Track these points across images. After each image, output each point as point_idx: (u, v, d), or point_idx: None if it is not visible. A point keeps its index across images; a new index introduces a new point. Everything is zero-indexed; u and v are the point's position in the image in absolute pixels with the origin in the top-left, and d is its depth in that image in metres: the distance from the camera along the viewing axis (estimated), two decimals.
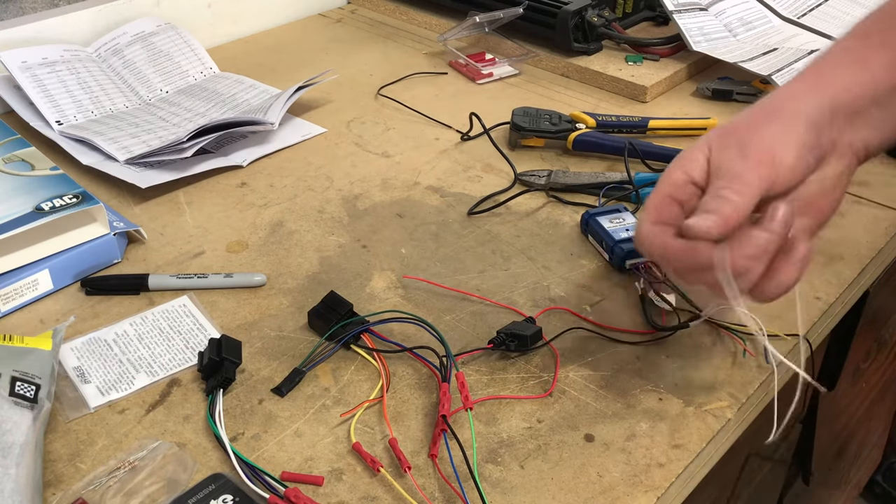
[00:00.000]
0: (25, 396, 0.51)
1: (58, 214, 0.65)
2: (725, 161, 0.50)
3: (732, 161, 0.49)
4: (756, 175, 0.48)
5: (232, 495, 0.49)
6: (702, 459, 0.55)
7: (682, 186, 0.51)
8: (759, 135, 0.49)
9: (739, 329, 0.62)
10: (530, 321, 0.62)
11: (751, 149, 0.49)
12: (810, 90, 0.52)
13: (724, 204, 0.48)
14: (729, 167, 0.49)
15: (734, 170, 0.49)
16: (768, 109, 0.52)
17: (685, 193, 0.51)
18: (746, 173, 0.48)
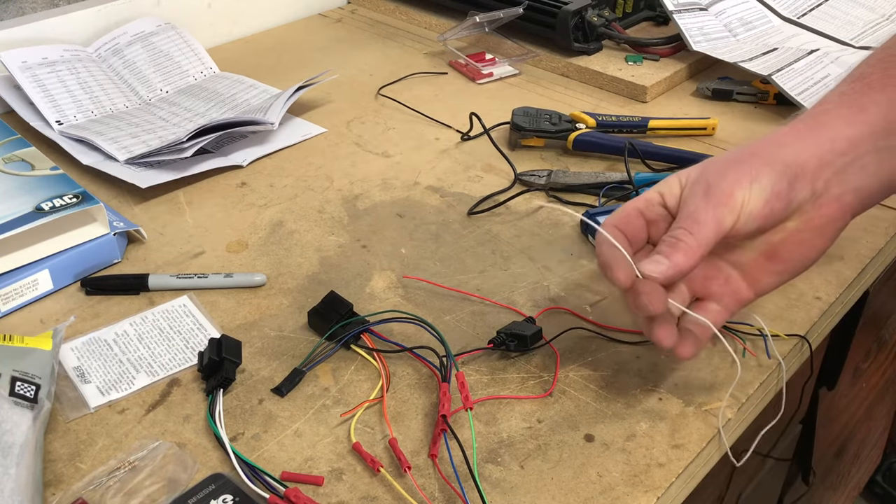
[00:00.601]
0: (25, 396, 0.51)
1: (58, 214, 0.65)
2: (690, 197, 0.51)
3: (696, 199, 0.50)
4: (713, 217, 0.49)
5: (232, 495, 0.49)
6: (702, 459, 0.55)
7: (652, 206, 0.53)
8: (728, 177, 0.50)
9: (739, 329, 0.62)
10: (530, 321, 0.62)
11: (715, 190, 0.50)
12: (800, 138, 0.51)
13: (675, 251, 0.49)
14: (691, 204, 0.51)
15: (694, 209, 0.50)
16: (750, 152, 0.51)
17: (654, 213, 0.53)
18: (704, 214, 0.50)
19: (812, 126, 0.52)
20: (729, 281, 0.55)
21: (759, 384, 0.59)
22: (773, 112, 0.95)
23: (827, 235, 0.52)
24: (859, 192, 0.52)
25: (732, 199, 0.49)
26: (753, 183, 0.49)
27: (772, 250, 0.53)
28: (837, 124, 0.51)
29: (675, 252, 0.49)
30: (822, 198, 0.51)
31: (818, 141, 0.51)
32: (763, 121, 0.93)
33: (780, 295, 0.66)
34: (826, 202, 0.51)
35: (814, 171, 0.50)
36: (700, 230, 0.49)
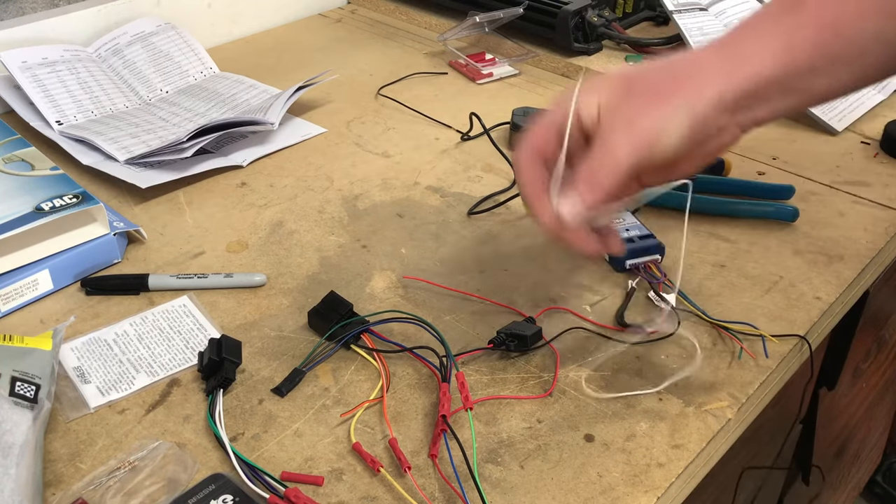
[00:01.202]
0: (25, 396, 0.51)
1: (58, 214, 0.65)
2: (610, 127, 0.51)
3: (616, 132, 0.51)
4: (632, 154, 0.50)
5: (232, 495, 0.49)
6: (702, 459, 0.55)
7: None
8: (650, 115, 0.50)
9: (739, 329, 0.62)
10: (530, 321, 0.62)
11: (637, 127, 0.50)
12: (722, 69, 0.51)
13: (592, 190, 0.51)
14: (611, 135, 0.51)
15: (614, 141, 0.51)
16: (671, 80, 0.51)
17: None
18: (623, 151, 0.50)
19: (740, 58, 0.51)
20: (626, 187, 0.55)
21: (759, 384, 0.59)
22: None
23: (715, 155, 0.54)
24: (756, 122, 0.53)
25: (651, 139, 0.50)
26: (673, 125, 0.50)
27: (666, 169, 0.54)
28: (764, 60, 0.51)
29: (592, 190, 0.51)
30: (725, 129, 0.52)
31: (741, 77, 0.51)
32: None
33: (780, 295, 0.66)
34: (726, 131, 0.52)
35: (728, 107, 0.51)
36: (617, 168, 0.50)
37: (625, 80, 0.53)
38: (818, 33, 0.51)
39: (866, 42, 0.51)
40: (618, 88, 0.52)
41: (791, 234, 0.74)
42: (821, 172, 0.84)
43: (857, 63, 0.51)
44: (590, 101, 0.52)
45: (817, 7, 0.51)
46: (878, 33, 0.50)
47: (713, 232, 0.74)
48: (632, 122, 0.51)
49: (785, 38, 0.51)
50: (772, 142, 0.90)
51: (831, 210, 0.78)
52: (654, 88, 0.51)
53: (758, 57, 0.51)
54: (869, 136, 0.91)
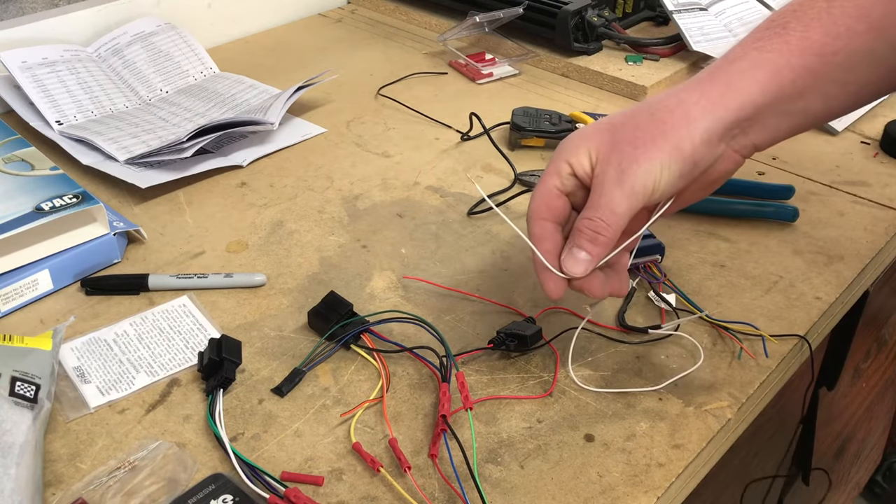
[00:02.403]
0: (25, 396, 0.51)
1: (58, 214, 0.65)
2: (604, 181, 0.52)
3: (610, 185, 0.52)
4: (627, 206, 0.51)
5: (232, 495, 0.49)
6: (702, 459, 0.55)
7: (567, 179, 0.54)
8: (640, 163, 0.51)
9: (739, 329, 0.62)
10: (530, 321, 0.62)
11: (629, 177, 0.51)
12: (710, 103, 0.51)
13: (595, 244, 0.52)
14: (605, 188, 0.52)
15: (610, 196, 0.52)
16: (655, 125, 0.52)
17: (569, 185, 0.54)
18: (619, 204, 0.51)
19: (723, 91, 0.51)
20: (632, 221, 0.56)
21: (759, 384, 0.59)
22: None
23: (719, 182, 0.55)
24: (755, 146, 0.53)
25: (644, 188, 0.51)
26: (664, 170, 0.51)
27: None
28: (750, 89, 0.51)
29: (595, 245, 0.52)
30: (721, 158, 0.53)
31: (727, 109, 0.51)
32: None
33: (780, 295, 0.66)
34: (725, 159, 0.53)
35: (720, 136, 0.52)
36: (616, 220, 0.52)
37: (611, 128, 0.53)
38: (803, 57, 0.50)
39: (857, 62, 0.50)
40: (605, 139, 0.53)
41: (791, 234, 0.74)
42: (821, 172, 0.84)
43: (850, 83, 0.51)
44: (580, 155, 0.53)
45: (802, 30, 0.51)
46: (868, 53, 0.50)
47: (713, 232, 0.74)
48: (623, 173, 0.51)
49: (770, 66, 0.51)
50: None
51: (831, 210, 0.78)
52: (639, 136, 0.52)
53: (744, 86, 0.51)
54: (869, 136, 0.91)
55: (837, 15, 0.50)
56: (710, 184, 0.55)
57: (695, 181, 0.53)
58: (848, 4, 0.50)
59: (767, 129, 0.52)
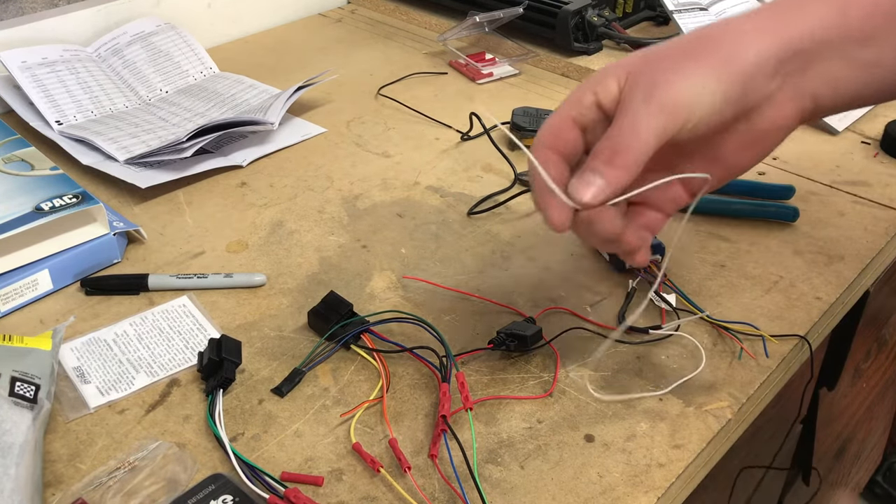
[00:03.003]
0: (25, 396, 0.51)
1: (58, 214, 0.65)
2: (631, 99, 0.44)
3: (636, 103, 0.44)
4: (654, 127, 0.43)
5: (232, 495, 0.49)
6: (702, 459, 0.55)
7: (587, 109, 0.46)
8: (674, 79, 0.43)
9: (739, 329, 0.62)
10: (530, 321, 0.62)
11: (660, 94, 0.43)
12: (764, 29, 0.44)
13: (610, 166, 0.44)
14: (631, 110, 0.44)
15: (633, 116, 0.44)
16: (703, 43, 0.45)
17: (589, 118, 0.47)
18: (645, 123, 0.43)
19: (781, 15, 0.45)
20: (666, 185, 0.49)
21: (759, 384, 0.59)
22: None
23: (774, 140, 0.48)
24: (815, 99, 0.46)
25: (678, 108, 0.43)
26: (704, 90, 0.43)
27: (713, 154, 0.48)
28: (809, 20, 0.45)
29: (610, 167, 0.44)
30: (775, 99, 0.46)
31: (788, 36, 0.44)
32: None
33: (780, 295, 0.66)
34: (778, 105, 0.46)
35: (772, 71, 0.45)
36: (639, 142, 0.43)
37: (646, 53, 0.46)
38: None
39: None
40: (638, 62, 0.46)
41: (791, 234, 0.74)
42: (821, 172, 0.84)
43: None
44: (609, 83, 0.46)
45: None
46: None
47: (713, 232, 0.74)
48: (654, 88, 0.43)
49: (838, 2, 0.44)
50: None
51: (831, 210, 0.78)
52: (680, 52, 0.44)
53: (801, 18, 0.44)
54: (869, 135, 0.91)
55: None
56: (757, 139, 0.47)
57: (741, 126, 0.46)
58: None
59: (831, 75, 0.45)
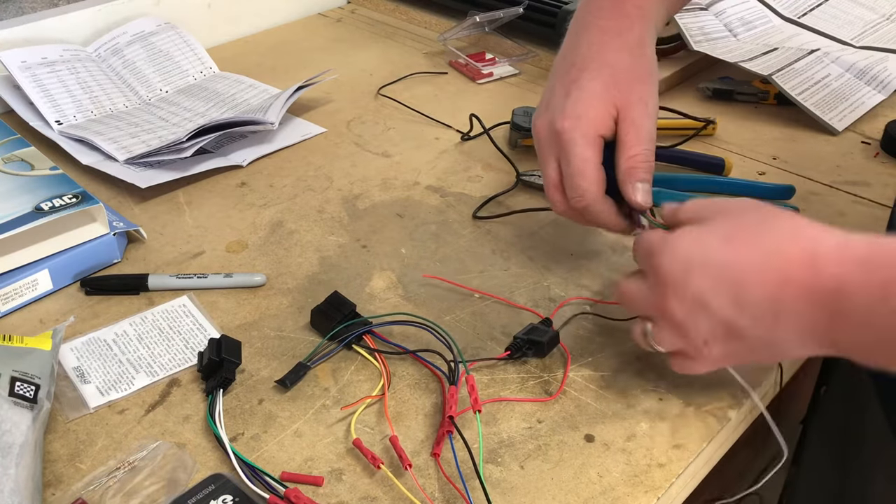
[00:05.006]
0: (25, 396, 0.51)
1: (57, 214, 0.65)
2: (639, 117, 0.59)
3: (644, 119, 0.59)
4: (651, 134, 0.59)
5: (232, 495, 0.49)
6: (702, 459, 0.55)
7: (600, 146, 0.59)
8: (652, 97, 0.60)
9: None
10: (546, 323, 0.62)
11: (650, 108, 0.60)
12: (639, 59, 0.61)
13: (649, 173, 0.58)
14: (644, 125, 0.59)
15: (648, 130, 0.59)
16: (636, 75, 0.60)
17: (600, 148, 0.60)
18: (651, 132, 0.59)
19: (636, 47, 0.61)
20: None
21: (759, 384, 0.59)
22: (773, 112, 0.95)
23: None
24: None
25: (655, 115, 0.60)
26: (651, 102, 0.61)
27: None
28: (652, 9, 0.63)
29: (650, 173, 0.58)
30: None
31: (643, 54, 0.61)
32: (763, 121, 0.93)
33: None
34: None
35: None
36: (653, 146, 0.59)
37: (613, 84, 0.59)
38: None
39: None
40: (623, 87, 0.58)
41: None
42: (821, 172, 0.84)
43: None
44: (608, 120, 0.58)
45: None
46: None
47: None
48: (647, 106, 0.59)
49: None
50: (772, 142, 0.89)
51: (832, 210, 0.78)
52: (637, 76, 0.60)
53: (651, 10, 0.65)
54: (869, 135, 0.91)
55: None
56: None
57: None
58: None
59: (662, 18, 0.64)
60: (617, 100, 0.58)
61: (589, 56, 0.59)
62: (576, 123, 0.57)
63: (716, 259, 0.48)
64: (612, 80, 0.58)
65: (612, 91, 0.58)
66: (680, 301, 0.49)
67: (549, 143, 0.60)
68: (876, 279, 0.43)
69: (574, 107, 0.58)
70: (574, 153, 0.57)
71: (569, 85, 0.59)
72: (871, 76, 0.99)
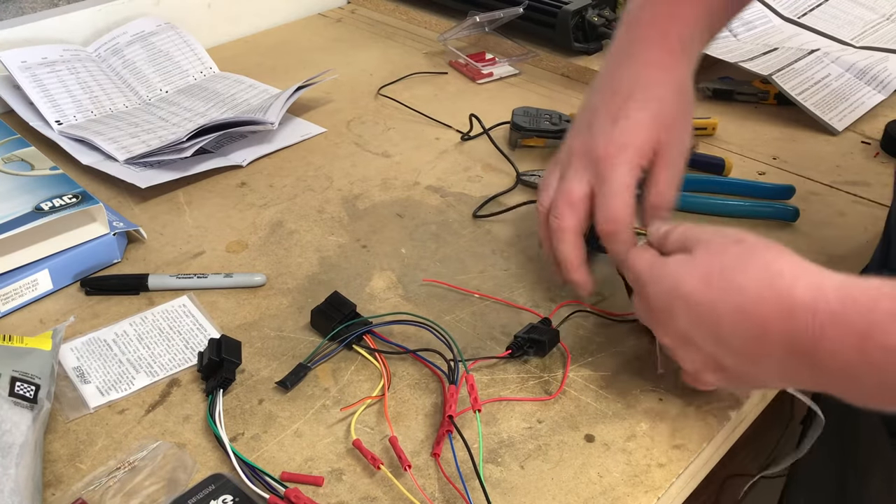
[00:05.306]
0: (25, 396, 0.51)
1: (58, 214, 0.65)
2: (673, 159, 0.61)
3: (672, 166, 0.60)
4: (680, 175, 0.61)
5: (232, 495, 0.49)
6: (702, 459, 0.55)
7: (638, 177, 0.60)
8: (683, 136, 0.62)
9: None
10: (545, 323, 0.62)
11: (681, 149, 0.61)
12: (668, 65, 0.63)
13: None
14: (672, 167, 0.60)
15: (670, 172, 0.60)
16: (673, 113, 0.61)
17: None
18: (677, 174, 0.61)
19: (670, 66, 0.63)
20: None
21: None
22: (773, 112, 0.95)
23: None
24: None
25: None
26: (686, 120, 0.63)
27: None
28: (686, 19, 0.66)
29: (669, 213, 0.60)
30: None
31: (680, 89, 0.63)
32: (763, 121, 0.93)
33: None
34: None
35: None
36: (678, 188, 0.61)
37: (661, 119, 0.61)
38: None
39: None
40: (656, 129, 0.60)
41: (791, 234, 0.74)
42: (821, 172, 0.84)
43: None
44: (643, 150, 0.59)
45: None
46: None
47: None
48: (683, 143, 0.62)
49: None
50: (772, 142, 0.89)
51: (832, 210, 0.78)
52: (678, 113, 0.62)
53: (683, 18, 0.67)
54: (869, 135, 0.91)
55: None
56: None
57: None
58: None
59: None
60: (661, 135, 0.59)
61: (636, 87, 0.61)
62: (622, 151, 0.59)
63: (695, 299, 0.49)
64: (659, 115, 0.60)
65: (658, 126, 0.60)
66: (669, 334, 0.52)
67: (586, 163, 0.60)
68: (852, 331, 0.43)
69: (621, 135, 0.59)
70: (615, 179, 0.58)
71: (615, 112, 0.60)
72: (871, 76, 0.99)
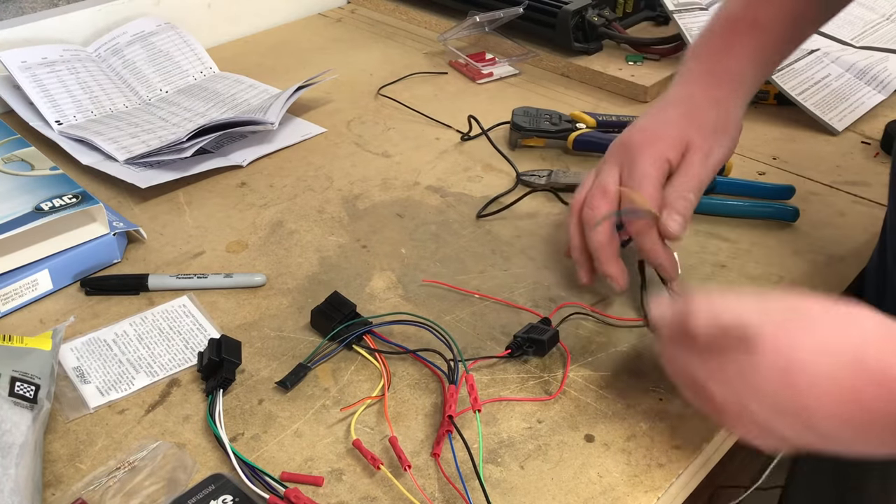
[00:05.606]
0: (25, 397, 0.51)
1: (58, 214, 0.65)
2: (700, 160, 0.62)
3: (694, 171, 0.61)
4: (702, 184, 0.62)
5: (232, 495, 0.49)
6: (702, 459, 0.55)
7: (664, 169, 0.62)
8: (722, 144, 0.63)
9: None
10: (545, 322, 0.62)
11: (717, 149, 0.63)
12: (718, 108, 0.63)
13: (688, 209, 0.61)
14: (697, 166, 0.62)
15: (692, 175, 0.61)
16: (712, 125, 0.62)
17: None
18: (698, 180, 0.61)
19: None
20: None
21: None
22: (773, 112, 0.95)
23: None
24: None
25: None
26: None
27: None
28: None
29: (690, 211, 0.61)
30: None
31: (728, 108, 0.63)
32: (763, 121, 0.93)
33: None
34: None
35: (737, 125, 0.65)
36: (699, 194, 0.62)
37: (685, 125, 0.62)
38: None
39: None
40: (683, 132, 0.61)
41: (791, 235, 0.74)
42: (821, 172, 0.84)
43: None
44: (673, 150, 0.61)
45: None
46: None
47: (713, 232, 0.74)
48: (711, 150, 0.63)
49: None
50: (772, 142, 0.89)
51: (832, 210, 0.78)
52: (710, 125, 0.63)
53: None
54: (869, 136, 0.91)
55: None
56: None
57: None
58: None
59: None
60: (692, 135, 0.60)
61: (678, 99, 0.64)
62: (653, 142, 0.61)
63: (779, 398, 0.44)
64: (693, 117, 0.62)
65: (689, 125, 0.61)
66: (745, 426, 0.47)
67: (620, 155, 0.63)
68: None
69: (655, 127, 0.62)
70: (640, 165, 0.60)
71: (655, 114, 0.64)
72: (871, 76, 0.99)
